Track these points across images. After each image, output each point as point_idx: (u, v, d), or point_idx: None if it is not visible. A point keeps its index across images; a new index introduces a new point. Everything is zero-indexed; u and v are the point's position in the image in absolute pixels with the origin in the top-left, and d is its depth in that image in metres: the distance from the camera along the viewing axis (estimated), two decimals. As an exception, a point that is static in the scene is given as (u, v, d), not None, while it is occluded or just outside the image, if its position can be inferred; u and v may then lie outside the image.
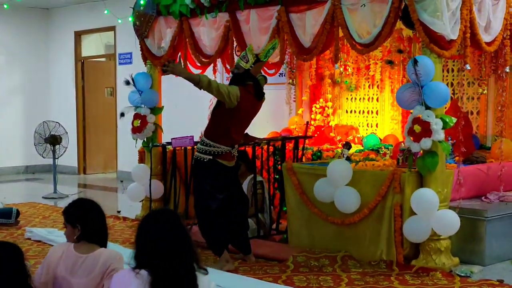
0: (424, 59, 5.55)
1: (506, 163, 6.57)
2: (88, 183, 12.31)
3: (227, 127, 5.77)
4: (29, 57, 13.98)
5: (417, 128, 5.53)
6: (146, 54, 8.09)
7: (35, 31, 14.09)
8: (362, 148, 7.93)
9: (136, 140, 8.03)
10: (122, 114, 7.93)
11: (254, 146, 7.12)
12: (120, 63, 12.74)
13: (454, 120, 5.64)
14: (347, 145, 6.73)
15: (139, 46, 8.13)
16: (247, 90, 5.77)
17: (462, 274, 5.53)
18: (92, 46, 14.06)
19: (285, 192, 6.69)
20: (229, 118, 5.74)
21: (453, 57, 6.07)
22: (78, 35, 13.80)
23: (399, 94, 5.79)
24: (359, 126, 8.73)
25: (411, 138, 5.59)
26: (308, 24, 6.53)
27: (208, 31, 7.47)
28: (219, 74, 9.15)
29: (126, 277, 2.96)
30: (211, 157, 5.74)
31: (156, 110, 7.98)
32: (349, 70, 8.66)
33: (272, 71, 8.41)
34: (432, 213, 5.52)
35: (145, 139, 7.99)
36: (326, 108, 8.90)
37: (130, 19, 8.18)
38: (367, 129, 8.66)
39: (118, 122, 12.37)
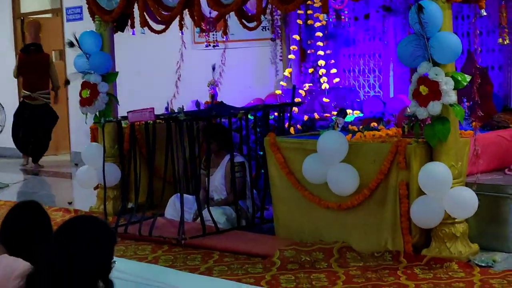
0: (430, 4, 5.51)
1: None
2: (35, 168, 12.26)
3: (23, 79, 12.05)
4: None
5: (423, 89, 5.50)
6: (94, 8, 7.93)
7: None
8: (361, 115, 7.95)
9: (86, 114, 7.93)
10: (67, 82, 7.90)
11: (229, 117, 7.12)
12: (68, 20, 12.66)
13: (469, 78, 5.61)
14: (342, 112, 6.72)
15: (85, -3, 8.04)
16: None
17: (483, 264, 5.57)
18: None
19: (268, 173, 6.71)
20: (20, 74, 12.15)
21: (467, 1, 6.03)
22: (15, -14, 13.72)
23: (400, 49, 5.75)
24: (360, 88, 8.74)
25: (417, 101, 5.59)
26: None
27: (168, -25, 7.42)
28: (187, 30, 9.02)
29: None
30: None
31: (109, 77, 7.88)
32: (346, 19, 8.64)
33: (253, 24, 8.37)
34: (445, 191, 5.54)
35: (97, 113, 7.92)
36: (318, 68, 8.89)
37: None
38: (369, 92, 8.68)
39: (69, 92, 12.33)
